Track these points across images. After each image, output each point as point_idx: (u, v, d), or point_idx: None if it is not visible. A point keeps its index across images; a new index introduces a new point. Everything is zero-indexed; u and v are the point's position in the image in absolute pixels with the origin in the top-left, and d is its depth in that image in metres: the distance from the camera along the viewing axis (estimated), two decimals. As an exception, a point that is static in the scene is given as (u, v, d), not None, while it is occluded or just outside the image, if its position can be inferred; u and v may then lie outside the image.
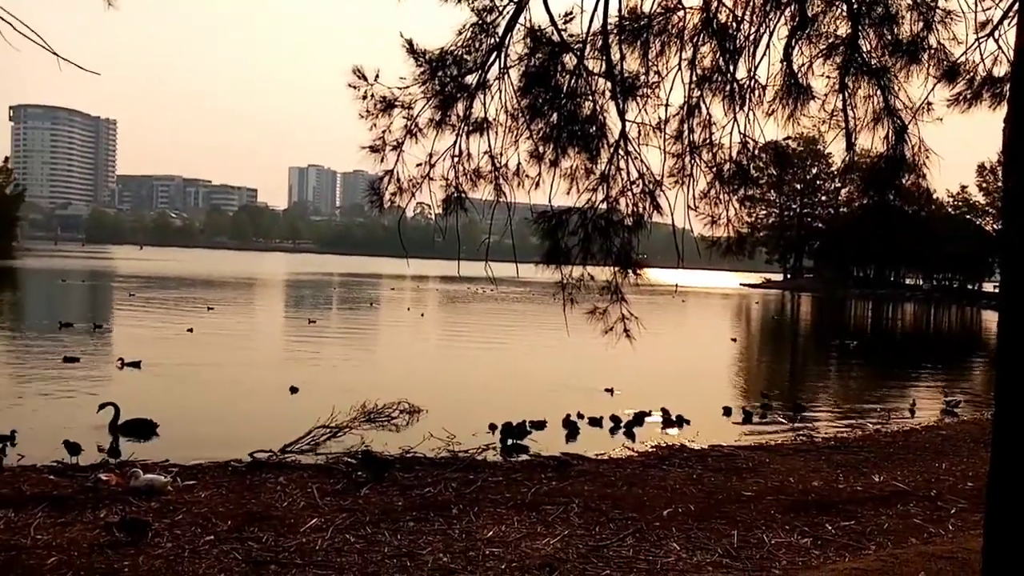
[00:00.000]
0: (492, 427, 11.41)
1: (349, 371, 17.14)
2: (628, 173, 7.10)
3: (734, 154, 6.99)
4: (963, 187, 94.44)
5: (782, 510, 7.28)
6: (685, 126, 6.83)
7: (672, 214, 7.39)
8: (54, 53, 3.79)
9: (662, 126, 6.94)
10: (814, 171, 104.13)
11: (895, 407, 15.20)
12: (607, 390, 14.97)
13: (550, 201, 7.53)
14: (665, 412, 12.89)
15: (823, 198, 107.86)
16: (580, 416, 12.50)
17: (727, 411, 13.73)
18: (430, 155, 7.22)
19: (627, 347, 8.40)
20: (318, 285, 56.75)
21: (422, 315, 33.11)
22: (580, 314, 8.35)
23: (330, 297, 44.87)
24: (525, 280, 79.05)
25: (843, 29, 5.78)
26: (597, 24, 6.02)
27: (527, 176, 7.53)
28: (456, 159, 7.23)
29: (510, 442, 10.87)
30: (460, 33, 6.12)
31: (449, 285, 64.29)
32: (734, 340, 27.70)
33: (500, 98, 6.80)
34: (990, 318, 49.43)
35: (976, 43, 5.34)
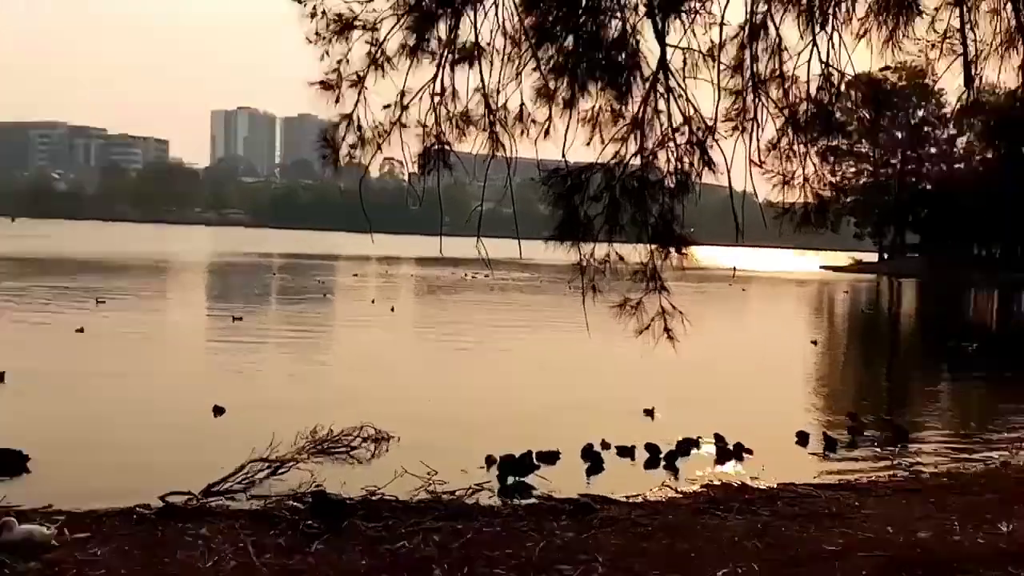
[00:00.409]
0: (488, 460, 11.46)
1: (293, 386, 17.21)
2: (670, 117, 7.09)
3: (812, 91, 6.98)
4: None
5: (878, 571, 7.31)
6: (747, 53, 6.80)
7: (729, 172, 7.41)
8: None
9: (715, 53, 6.93)
10: (920, 114, 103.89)
11: (1028, 432, 15.24)
12: (646, 412, 15.00)
13: (564, 155, 7.53)
14: (719, 439, 12.93)
15: (933, 151, 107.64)
16: (605, 445, 12.54)
17: (803, 438, 13.76)
18: (402, 94, 7.21)
19: (668, 353, 8.43)
20: (252, 270, 56.90)
21: (392, 310, 33.17)
22: (605, 308, 8.38)
23: (267, 286, 45.03)
24: (531, 262, 78.56)
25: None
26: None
27: (533, 121, 7.53)
28: (437, 99, 7.21)
29: (511, 480, 10.91)
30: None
31: (428, 269, 64.32)
32: (815, 343, 27.77)
33: (496, 15, 6.77)
34: None
35: None
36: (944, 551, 7.85)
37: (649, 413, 15.00)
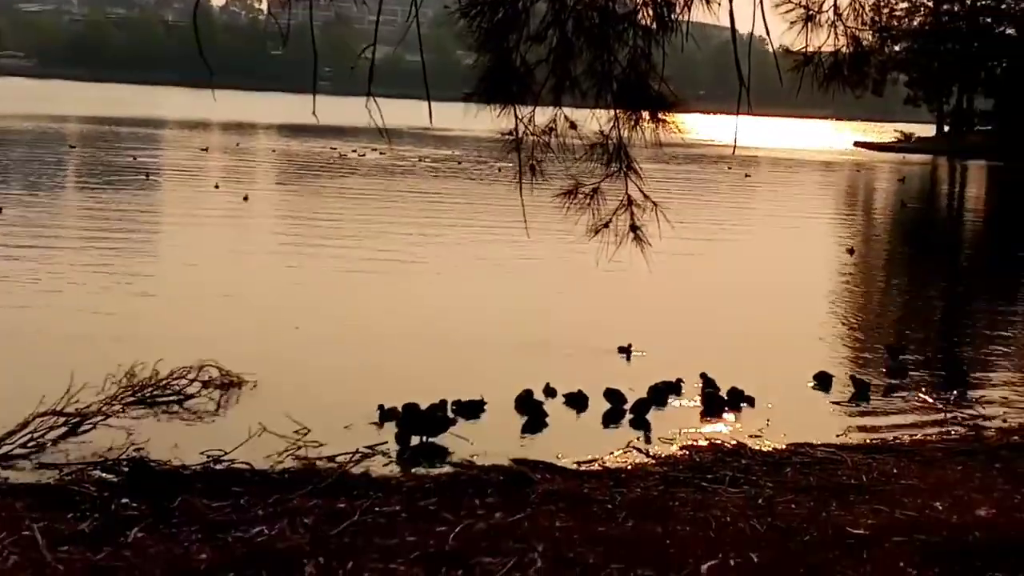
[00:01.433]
0: (383, 414, 11.54)
1: (98, 310, 17.01)
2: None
3: None
4: None
5: (921, 562, 7.54)
6: None
7: (731, 3, 7.38)
8: None
9: None
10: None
11: None
12: (621, 350, 15.14)
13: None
14: (708, 383, 13.13)
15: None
16: (549, 392, 12.70)
17: (823, 381, 14.09)
18: None
19: (641, 264, 8.44)
20: (36, 140, 55.48)
21: (245, 199, 33.06)
22: (550, 199, 8.37)
23: (59, 165, 44.00)
24: (447, 133, 78.26)
25: None
26: None
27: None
28: None
29: (416, 441, 11.02)
30: None
31: (298, 141, 63.55)
32: (851, 252, 28.18)
33: None
34: None
35: None
36: (1011, 534, 8.13)
37: (625, 352, 15.15)
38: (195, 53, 8.18)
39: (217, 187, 35.69)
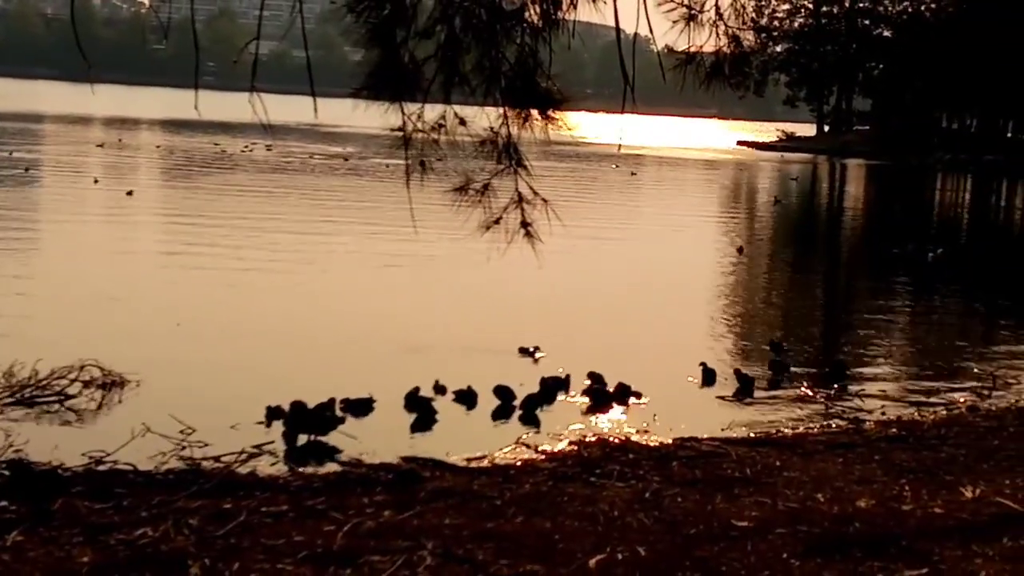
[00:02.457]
0: (269, 413, 11.46)
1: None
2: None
3: None
4: None
5: (803, 553, 7.68)
6: None
7: (615, 3, 7.46)
8: None
9: None
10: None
11: (1005, 368, 16.23)
12: (526, 352, 14.94)
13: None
14: (595, 378, 13.26)
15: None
16: (439, 389, 12.74)
17: (708, 376, 14.26)
18: None
19: (530, 261, 8.48)
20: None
21: (129, 194, 32.68)
22: (440, 196, 8.37)
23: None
24: (335, 129, 77.95)
25: None
26: None
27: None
28: None
29: (304, 440, 10.98)
30: None
31: (183, 137, 62.67)
32: (740, 250, 28.52)
33: None
34: None
35: None
36: (890, 524, 8.33)
37: (529, 353, 14.90)
38: (75, 47, 8.03)
39: (96, 181, 35.18)
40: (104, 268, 21.21)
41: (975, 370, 15.98)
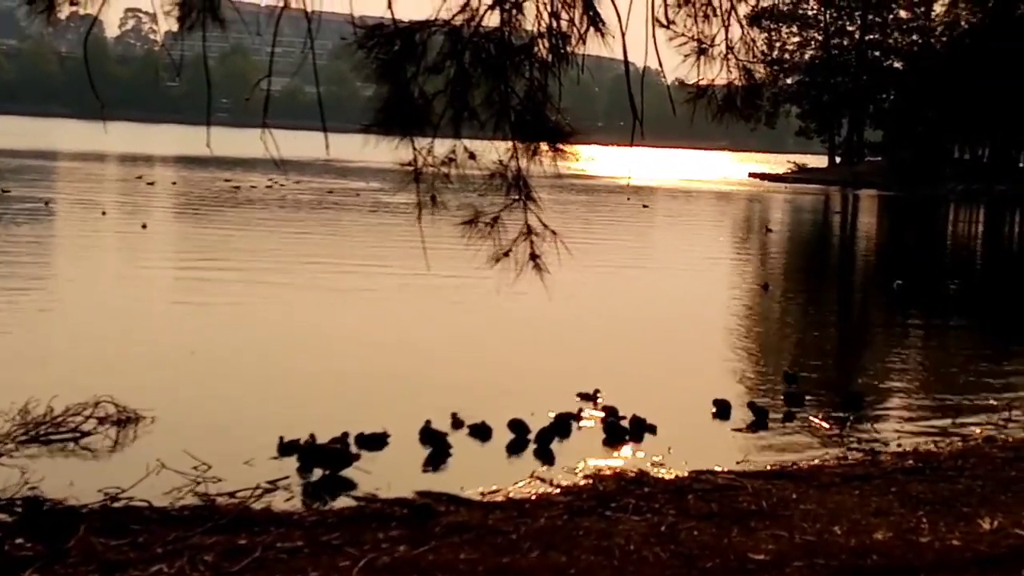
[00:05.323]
0: (283, 447, 11.47)
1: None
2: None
3: (743, -79, 7.10)
4: None
5: (820, 586, 7.67)
6: None
7: (624, 37, 7.49)
8: None
9: None
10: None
11: (1021, 399, 16.11)
12: (586, 396, 14.32)
13: (391, 7, 7.42)
14: (611, 413, 13.25)
15: (903, 15, 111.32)
16: (457, 422, 12.74)
17: (722, 408, 14.22)
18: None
19: (539, 293, 8.45)
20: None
21: (144, 227, 33.00)
22: (449, 229, 8.37)
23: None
24: (347, 165, 78.00)
25: None
26: None
27: (346, -46, 7.39)
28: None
29: (319, 475, 10.96)
30: None
31: (195, 172, 62.87)
32: (766, 288, 28.16)
33: None
34: None
35: None
36: (908, 556, 8.29)
37: (591, 399, 14.26)
38: (89, 85, 8.08)
39: (104, 213, 36.12)
40: (118, 301, 21.19)
41: (991, 401, 15.89)
